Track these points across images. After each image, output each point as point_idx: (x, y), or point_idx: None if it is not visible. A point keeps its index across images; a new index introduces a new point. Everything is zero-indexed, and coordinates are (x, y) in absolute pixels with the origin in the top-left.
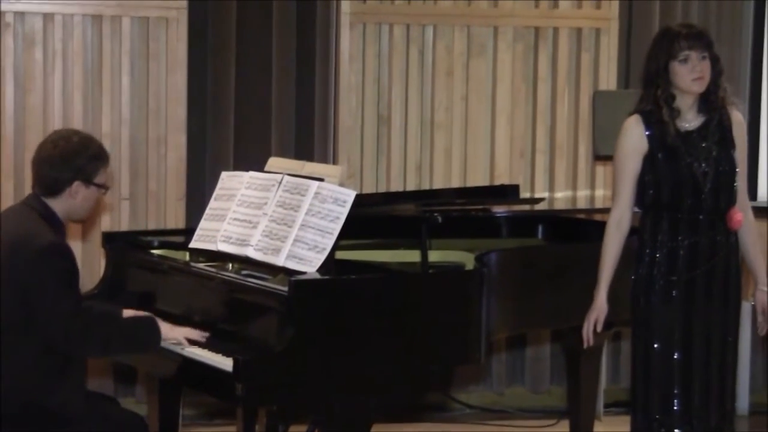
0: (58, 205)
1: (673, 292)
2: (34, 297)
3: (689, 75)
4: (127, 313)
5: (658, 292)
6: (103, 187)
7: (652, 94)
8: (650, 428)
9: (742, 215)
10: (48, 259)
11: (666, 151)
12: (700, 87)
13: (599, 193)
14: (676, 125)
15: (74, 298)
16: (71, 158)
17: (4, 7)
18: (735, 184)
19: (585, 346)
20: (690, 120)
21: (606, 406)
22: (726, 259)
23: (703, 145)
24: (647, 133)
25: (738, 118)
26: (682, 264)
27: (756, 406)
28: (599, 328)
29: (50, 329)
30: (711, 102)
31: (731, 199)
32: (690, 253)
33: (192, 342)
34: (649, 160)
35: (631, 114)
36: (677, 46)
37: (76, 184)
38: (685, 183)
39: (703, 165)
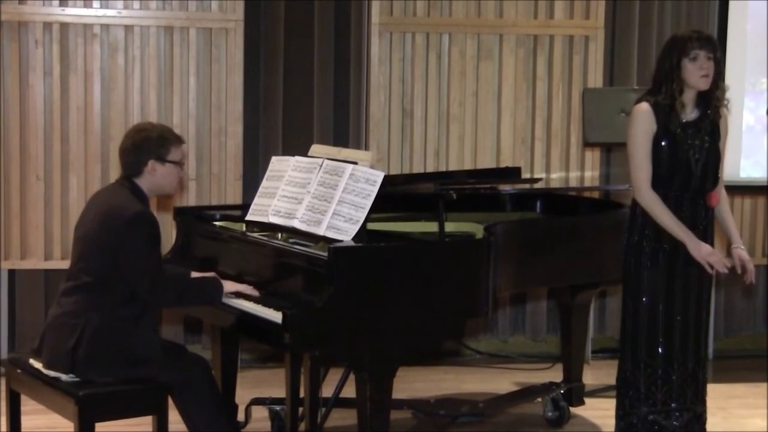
0: (143, 183)
1: (660, 256)
2: (123, 257)
3: (698, 72)
4: (195, 274)
5: (647, 255)
6: (178, 163)
7: (667, 88)
8: (638, 368)
9: (719, 195)
10: (136, 225)
11: (669, 137)
12: (705, 84)
13: (588, 174)
14: (679, 116)
15: (157, 258)
16: (141, 144)
17: (93, 20)
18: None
19: (726, 270)
20: (688, 113)
21: (593, 352)
22: (704, 231)
23: (698, 136)
24: (655, 119)
25: (725, 114)
26: (667, 234)
27: (718, 351)
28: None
29: (138, 284)
30: (708, 99)
31: (714, 183)
32: None
33: (248, 298)
34: (654, 142)
35: (639, 101)
36: (689, 46)
37: (151, 163)
38: (680, 167)
39: (697, 155)
